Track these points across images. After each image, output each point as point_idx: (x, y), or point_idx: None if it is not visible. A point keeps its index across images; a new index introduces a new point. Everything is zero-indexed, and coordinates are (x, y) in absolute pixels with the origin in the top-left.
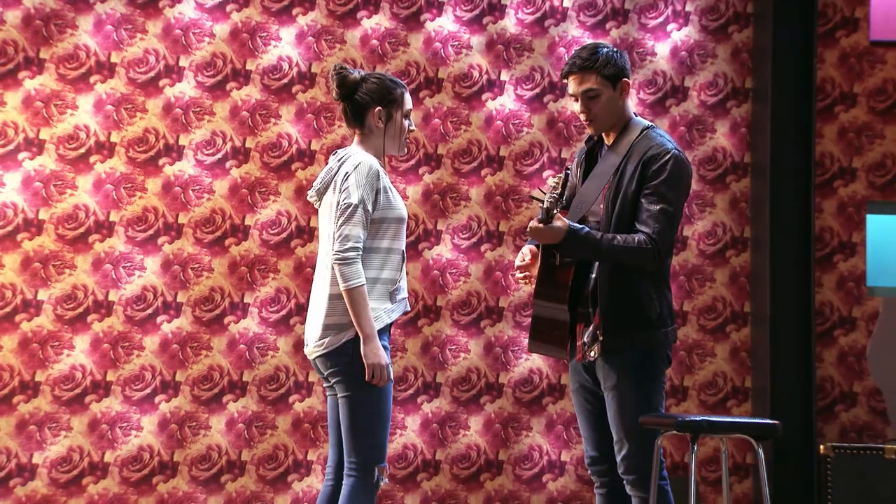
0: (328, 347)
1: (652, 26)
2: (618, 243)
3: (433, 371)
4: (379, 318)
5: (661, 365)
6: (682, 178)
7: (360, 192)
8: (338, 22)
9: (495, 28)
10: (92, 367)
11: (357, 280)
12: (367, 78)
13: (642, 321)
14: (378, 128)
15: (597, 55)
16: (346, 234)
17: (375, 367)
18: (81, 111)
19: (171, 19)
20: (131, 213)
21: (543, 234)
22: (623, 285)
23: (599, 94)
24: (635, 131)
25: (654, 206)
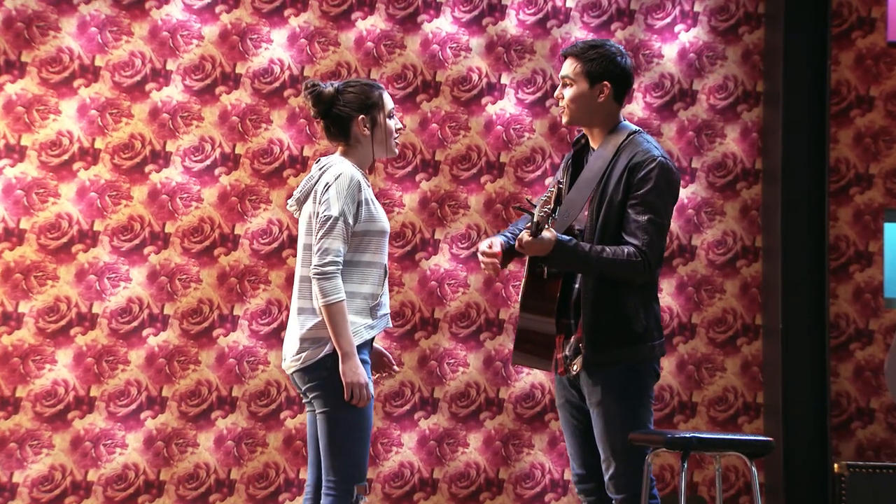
0: (306, 362)
1: (659, 27)
2: (607, 256)
3: (431, 386)
4: (358, 333)
5: (648, 379)
6: (670, 187)
7: (341, 204)
8: (331, 23)
9: (495, 29)
10: (75, 383)
11: (336, 296)
12: (342, 88)
13: (627, 334)
14: (365, 136)
15: (592, 48)
16: (325, 247)
17: (354, 386)
18: (64, 116)
19: (158, 21)
20: (116, 222)
21: (533, 246)
22: (608, 296)
23: (572, 85)
24: (621, 136)
25: (641, 217)
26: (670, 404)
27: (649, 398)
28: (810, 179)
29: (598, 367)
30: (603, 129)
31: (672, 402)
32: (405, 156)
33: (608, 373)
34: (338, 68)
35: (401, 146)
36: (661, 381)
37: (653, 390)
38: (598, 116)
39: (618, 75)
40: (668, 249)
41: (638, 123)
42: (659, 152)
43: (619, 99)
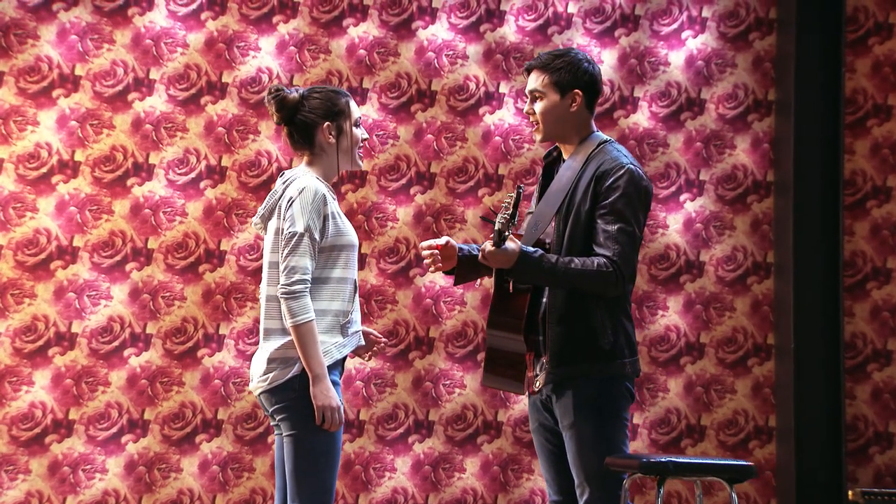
0: (273, 382)
1: (665, 33)
2: (575, 267)
3: (425, 408)
4: (329, 353)
5: (620, 400)
6: (640, 195)
7: (306, 219)
8: (322, 30)
9: (493, 36)
10: (53, 405)
11: (305, 315)
12: (308, 94)
13: (593, 350)
14: (330, 144)
15: (558, 58)
16: (292, 265)
17: (326, 410)
18: (43, 128)
19: (141, 28)
20: (97, 237)
21: (496, 257)
22: (574, 310)
23: (542, 98)
24: (591, 146)
25: (611, 227)
26: (678, 428)
27: (624, 420)
28: (824, 192)
29: (564, 384)
30: (576, 140)
31: (679, 425)
32: (399, 168)
33: (578, 393)
34: (329, 77)
35: (394, 158)
36: (668, 403)
37: (627, 412)
38: (572, 127)
39: (587, 82)
40: (675, 266)
41: (643, 134)
42: (628, 160)
43: (591, 107)
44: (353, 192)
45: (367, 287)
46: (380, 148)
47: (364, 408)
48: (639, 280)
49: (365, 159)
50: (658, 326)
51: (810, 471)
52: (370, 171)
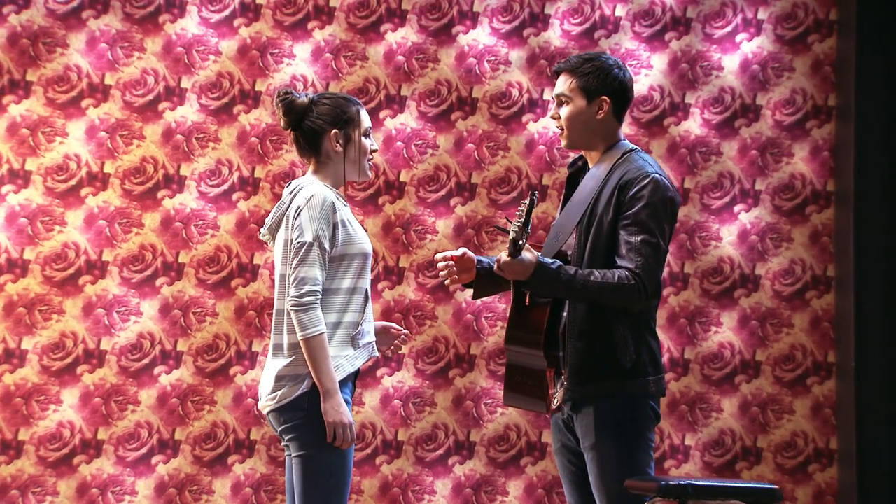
0: (281, 401)
1: (719, 37)
2: (595, 279)
3: (466, 428)
4: (340, 367)
5: (644, 420)
6: (665, 205)
7: (315, 228)
8: (359, 36)
9: (537, 41)
10: (81, 425)
11: (315, 329)
12: (317, 100)
13: (614, 367)
14: (337, 152)
15: (587, 62)
16: (301, 276)
17: (337, 426)
18: (72, 139)
19: (173, 36)
20: (126, 251)
21: (511, 268)
22: (595, 325)
23: (568, 103)
24: (616, 154)
25: (634, 238)
26: (732, 450)
27: (648, 441)
28: (887, 202)
29: (584, 403)
30: (601, 148)
31: (734, 447)
32: (439, 178)
33: (599, 412)
34: (366, 84)
35: (433, 168)
36: (722, 424)
37: (652, 432)
38: (598, 135)
39: (616, 89)
40: (729, 280)
41: (695, 142)
42: (653, 169)
43: (619, 115)
44: (391, 203)
45: (405, 302)
46: (419, 158)
47: (402, 428)
48: (690, 295)
49: (402, 169)
50: (711, 343)
51: (874, 496)
52: (409, 182)
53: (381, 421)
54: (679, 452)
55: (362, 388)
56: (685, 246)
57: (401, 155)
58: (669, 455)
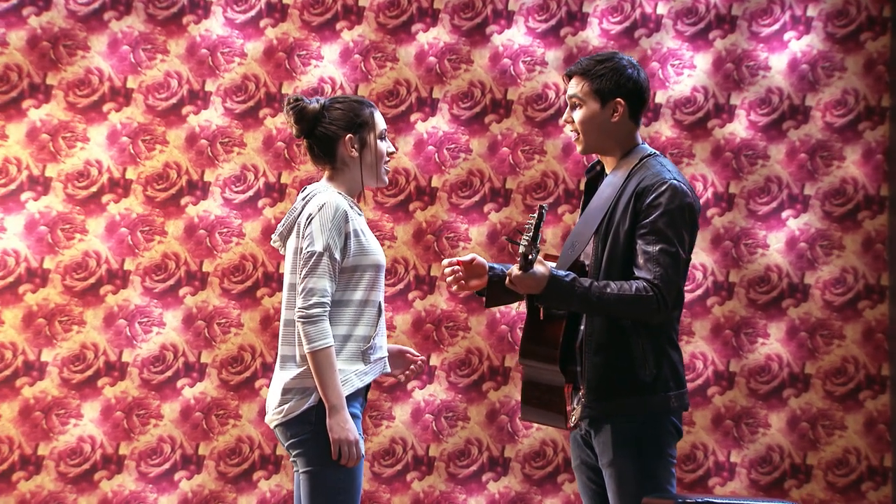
0: (288, 414)
1: (765, 35)
2: (611, 292)
3: (501, 444)
4: (348, 381)
5: (665, 437)
6: (683, 212)
7: (325, 237)
8: (389, 37)
9: (575, 41)
10: (102, 439)
11: (322, 341)
12: (329, 105)
13: (633, 382)
14: (352, 158)
15: (600, 63)
16: (310, 287)
17: (343, 444)
18: (93, 144)
19: (197, 37)
20: (149, 260)
21: (523, 282)
22: (613, 339)
23: (581, 106)
24: (634, 160)
25: (652, 247)
26: (780, 467)
27: (669, 458)
28: None
29: (602, 420)
30: (618, 153)
31: (782, 465)
32: (472, 184)
33: (618, 429)
34: (396, 87)
35: (466, 173)
36: (770, 440)
37: (674, 449)
38: (614, 139)
39: (631, 90)
40: (777, 289)
41: (740, 145)
42: (671, 175)
43: (636, 117)
44: (423, 210)
45: (437, 313)
46: (451, 163)
47: (434, 443)
48: (736, 305)
49: (434, 174)
50: (758, 356)
51: None
52: (440, 188)
53: (411, 436)
54: (724, 470)
55: (392, 402)
56: (730, 254)
57: (432, 159)
58: (714, 472)
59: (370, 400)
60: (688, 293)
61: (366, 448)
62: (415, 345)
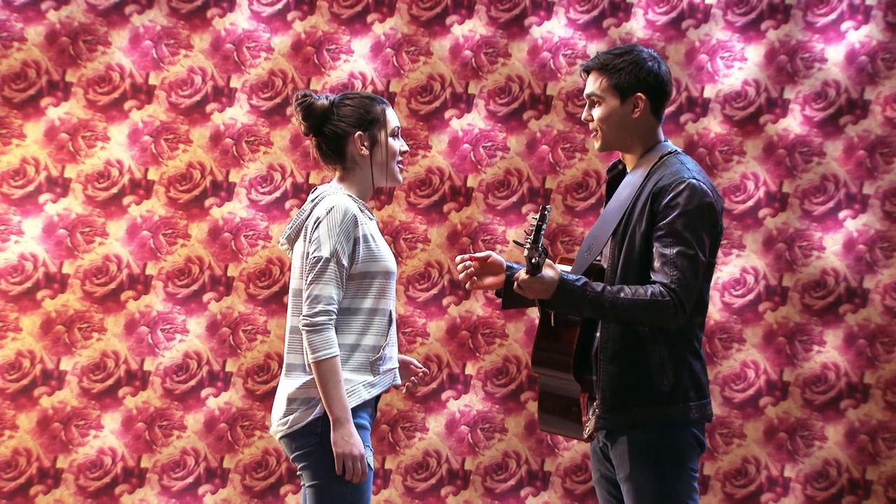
0: (293, 426)
1: (821, 25)
2: (625, 296)
3: (540, 457)
4: (355, 393)
5: (685, 449)
6: (702, 212)
7: (333, 242)
8: (422, 29)
9: (618, 32)
10: (124, 452)
11: (327, 351)
12: (339, 101)
13: (650, 393)
14: (363, 157)
15: (618, 57)
16: (315, 294)
17: (347, 458)
18: (114, 144)
19: (222, 31)
20: (172, 264)
21: (531, 286)
22: (629, 347)
23: (600, 103)
24: (655, 158)
25: (669, 250)
26: (838, 483)
27: (689, 471)
28: None
29: (618, 431)
30: (639, 150)
31: (840, 479)
32: (509, 184)
33: (635, 441)
34: (430, 82)
35: (504, 172)
36: (826, 453)
37: (695, 462)
38: (635, 136)
39: (651, 84)
40: (834, 294)
41: (794, 142)
42: (691, 174)
43: (657, 113)
44: (457, 211)
45: (472, 319)
46: (487, 161)
47: (469, 456)
48: (790, 310)
49: (469, 174)
50: (813, 364)
51: None
52: (476, 188)
53: (446, 448)
54: (777, 485)
55: (426, 413)
56: (784, 257)
57: (468, 158)
58: (767, 488)
59: (402, 411)
60: (738, 298)
61: (398, 461)
62: (449, 353)
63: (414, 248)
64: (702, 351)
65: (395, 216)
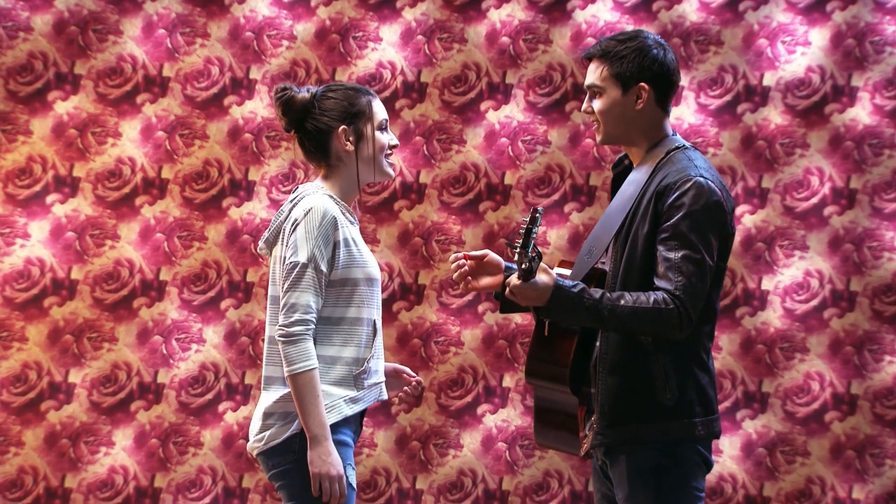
0: (269, 442)
1: (893, 5)
2: (625, 304)
3: (584, 477)
4: (335, 408)
5: (688, 467)
6: (710, 213)
7: (310, 247)
8: (456, 15)
9: (669, 15)
10: (136, 470)
11: (303, 363)
12: (321, 94)
13: (652, 407)
14: (348, 152)
15: (621, 44)
16: (291, 302)
17: (323, 479)
18: (125, 140)
19: (241, 19)
20: (187, 269)
21: (523, 293)
22: (630, 357)
23: (601, 94)
24: (661, 153)
25: (674, 254)
26: None
27: (694, 491)
28: None
29: (617, 449)
30: (644, 145)
31: None
32: (550, 180)
33: (634, 459)
34: (464, 71)
35: (544, 168)
36: None
37: (701, 482)
38: (639, 129)
39: (656, 73)
40: None
41: (863, 133)
42: (698, 171)
43: (664, 104)
44: (494, 210)
45: (510, 327)
46: (526, 156)
47: (508, 475)
48: (858, 317)
49: (507, 170)
50: (884, 376)
51: None
52: (514, 185)
53: (482, 467)
54: None
55: (460, 429)
56: (851, 259)
57: (505, 153)
58: None
59: (434, 426)
60: (801, 304)
61: (430, 480)
62: (485, 363)
63: (447, 251)
64: (711, 363)
65: (427, 216)
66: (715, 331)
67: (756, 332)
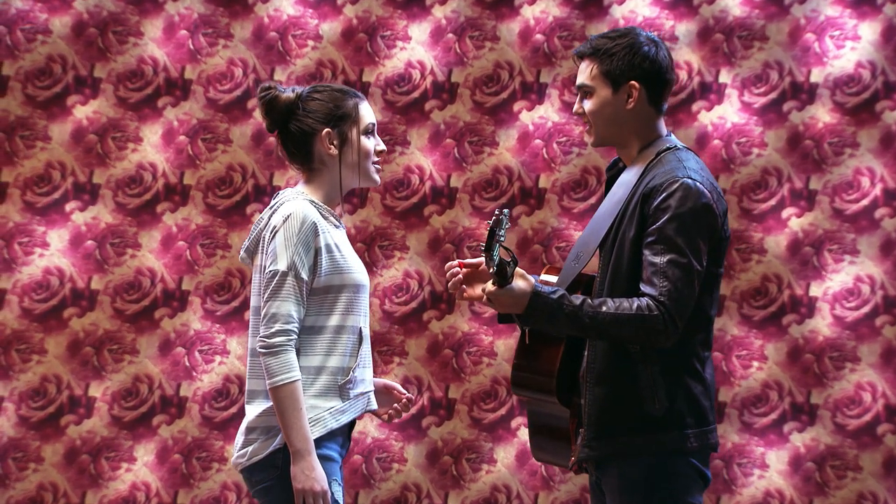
0: (251, 458)
1: None
2: (607, 311)
3: None
4: (320, 421)
5: (681, 482)
6: (697, 216)
7: (290, 254)
8: (488, 12)
9: (711, 10)
10: (158, 486)
11: (285, 375)
12: (306, 95)
13: (640, 419)
14: (331, 156)
15: (611, 41)
16: (272, 313)
17: (307, 494)
18: (146, 145)
19: (265, 19)
20: (210, 278)
21: (499, 299)
22: (617, 367)
23: (592, 94)
24: (651, 154)
25: (659, 258)
26: None
27: None
28: None
29: (607, 462)
30: (636, 146)
31: None
32: (587, 183)
33: (624, 473)
34: (496, 70)
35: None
36: None
37: (697, 497)
38: (630, 129)
39: (647, 71)
40: None
41: None
42: (685, 172)
43: (656, 103)
44: (528, 215)
45: None
46: (562, 158)
47: (544, 491)
48: None
49: (542, 173)
50: None
51: None
52: (549, 189)
53: (516, 483)
54: None
55: (493, 443)
56: None
57: (539, 156)
58: None
59: (467, 440)
60: (852, 311)
61: (463, 497)
62: None
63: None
64: (706, 372)
65: (459, 222)
66: (711, 339)
67: (804, 340)
